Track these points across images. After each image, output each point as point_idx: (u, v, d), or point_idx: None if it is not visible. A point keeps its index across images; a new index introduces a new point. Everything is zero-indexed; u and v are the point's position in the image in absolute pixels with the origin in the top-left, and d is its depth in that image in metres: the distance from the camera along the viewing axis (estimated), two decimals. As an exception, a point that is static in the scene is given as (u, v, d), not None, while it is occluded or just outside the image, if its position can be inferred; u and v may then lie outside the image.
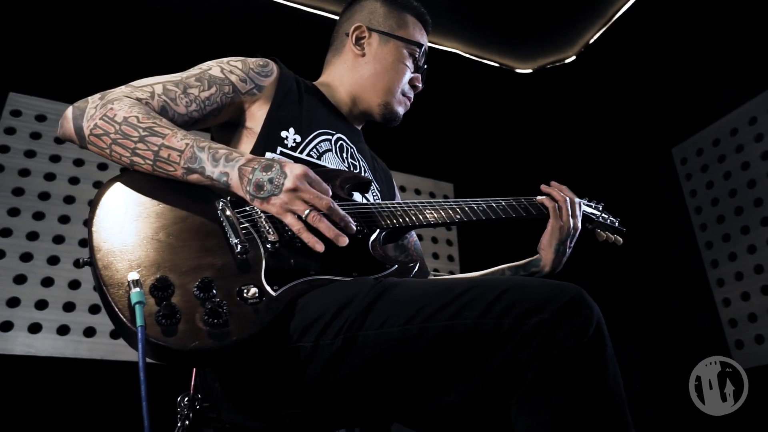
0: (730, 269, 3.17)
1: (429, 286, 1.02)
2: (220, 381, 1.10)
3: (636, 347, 3.61)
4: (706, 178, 3.38)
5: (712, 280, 3.25)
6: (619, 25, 3.59)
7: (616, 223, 1.79)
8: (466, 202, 1.46)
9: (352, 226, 1.16)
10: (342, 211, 1.16)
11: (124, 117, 1.17)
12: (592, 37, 3.76)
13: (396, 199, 1.77)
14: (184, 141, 1.16)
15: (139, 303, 0.90)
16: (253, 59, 1.44)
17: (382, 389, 1.01)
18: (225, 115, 1.39)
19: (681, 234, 3.45)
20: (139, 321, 0.88)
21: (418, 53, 1.66)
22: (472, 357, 0.94)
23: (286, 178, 1.12)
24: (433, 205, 1.41)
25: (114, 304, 0.92)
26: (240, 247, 1.05)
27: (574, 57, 3.90)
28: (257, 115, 1.40)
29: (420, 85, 1.69)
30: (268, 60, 1.48)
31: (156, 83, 1.29)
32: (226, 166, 1.15)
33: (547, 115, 4.17)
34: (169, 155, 1.15)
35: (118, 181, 1.13)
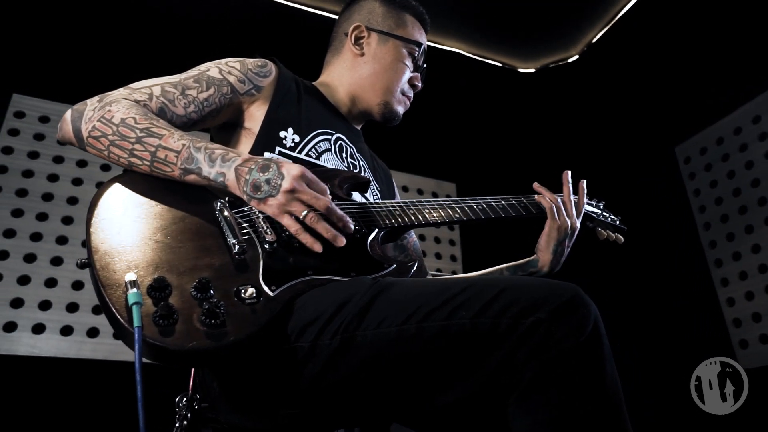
0: (734, 268, 3.15)
1: (426, 286, 1.02)
2: (218, 381, 1.10)
3: (639, 347, 3.60)
4: (710, 177, 3.36)
5: (716, 279, 3.23)
6: (622, 24, 3.58)
7: (617, 222, 1.78)
8: (465, 201, 1.45)
9: (350, 226, 1.16)
10: (340, 211, 1.15)
11: (121, 119, 1.17)
12: (595, 36, 3.75)
13: (396, 198, 1.77)
14: (181, 142, 1.16)
15: (136, 304, 0.90)
16: (252, 60, 1.45)
17: (380, 389, 1.01)
18: (224, 116, 1.39)
19: (684, 233, 3.44)
20: (136, 322, 0.88)
21: (417, 52, 1.66)
22: (469, 356, 0.94)
23: (284, 179, 1.11)
24: (432, 204, 1.40)
25: (111, 305, 0.93)
26: (237, 247, 1.05)
27: (577, 56, 3.89)
28: (256, 116, 1.40)
29: (419, 85, 1.69)
30: (266, 60, 1.48)
31: (154, 85, 1.29)
32: (222, 166, 1.15)
33: (550, 115, 4.16)
34: (166, 156, 1.15)
35: (117, 182, 1.13)
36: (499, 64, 3.94)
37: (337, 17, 1.76)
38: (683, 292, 3.44)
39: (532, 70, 4.00)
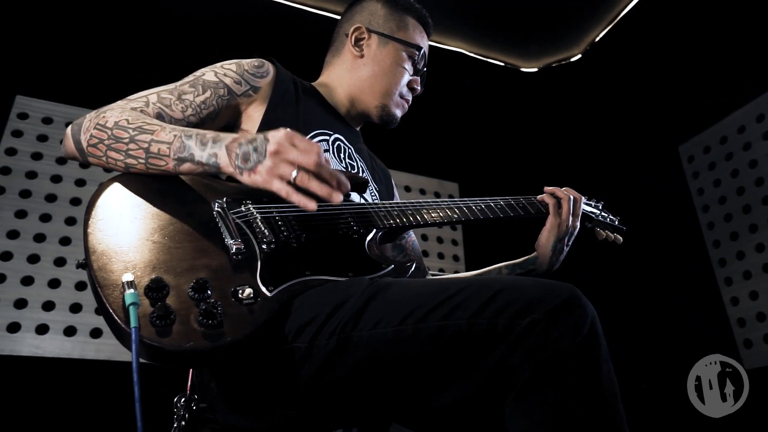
0: (738, 268, 3.14)
1: (423, 286, 1.02)
2: (216, 381, 1.11)
3: (642, 347, 3.59)
4: (714, 176, 3.35)
5: (720, 279, 3.21)
6: (625, 23, 3.57)
7: (616, 222, 1.78)
8: (465, 201, 1.45)
9: (345, 182, 1.10)
10: (332, 168, 1.09)
11: (115, 122, 1.18)
12: (598, 35, 3.74)
13: (395, 199, 1.77)
14: (173, 133, 1.16)
15: (133, 304, 0.90)
16: (248, 60, 1.44)
17: (377, 390, 1.01)
18: (223, 119, 1.39)
19: (688, 232, 3.43)
20: (133, 322, 0.88)
21: (417, 56, 1.65)
22: (466, 357, 0.94)
23: (269, 142, 1.07)
24: (431, 204, 1.40)
25: (108, 306, 0.93)
26: (235, 248, 1.05)
27: (580, 55, 3.88)
28: (254, 117, 1.40)
29: (419, 88, 1.69)
30: (263, 60, 1.47)
31: (150, 93, 1.30)
32: (213, 147, 1.13)
33: (553, 114, 4.15)
34: (159, 149, 1.15)
35: (114, 183, 1.14)
36: (502, 64, 3.93)
37: (338, 17, 1.75)
38: (687, 291, 3.42)
39: (535, 70, 3.99)
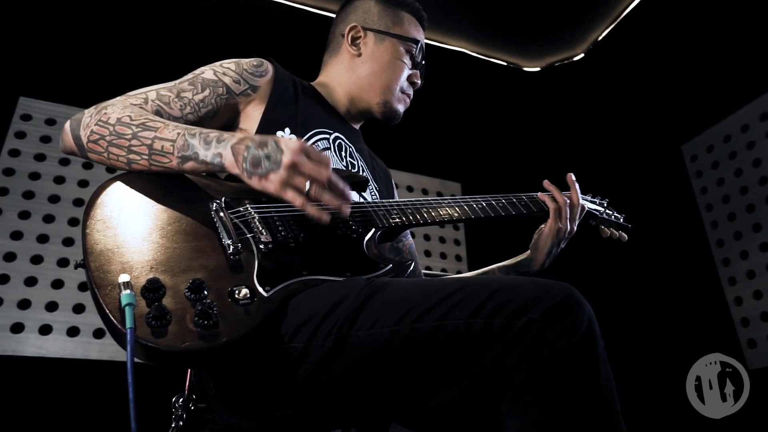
0: (741, 267, 3.12)
1: (420, 286, 1.01)
2: (213, 382, 1.11)
3: (646, 347, 3.57)
4: (717, 175, 3.33)
5: (724, 278, 3.20)
6: (628, 22, 3.56)
7: (620, 220, 1.77)
8: (465, 200, 1.45)
9: (349, 194, 1.13)
10: (341, 181, 1.12)
11: (117, 118, 1.18)
12: (601, 34, 3.73)
13: (395, 198, 1.76)
14: (176, 131, 1.16)
15: (129, 305, 0.90)
16: (248, 60, 1.44)
17: (374, 390, 1.01)
18: (222, 118, 1.39)
19: (691, 232, 3.41)
20: (128, 323, 0.89)
21: (414, 49, 1.65)
22: (463, 357, 0.93)
23: (284, 153, 1.08)
24: (430, 203, 1.40)
25: (105, 306, 0.93)
26: (232, 248, 1.05)
27: (583, 54, 3.87)
28: (253, 116, 1.40)
29: (419, 82, 1.68)
30: (262, 60, 1.47)
31: (149, 90, 1.30)
32: (218, 146, 1.14)
33: (556, 114, 4.14)
34: (162, 147, 1.15)
35: (113, 183, 1.14)
36: (504, 64, 3.93)
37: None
38: (690, 291, 3.41)
39: (538, 69, 3.98)
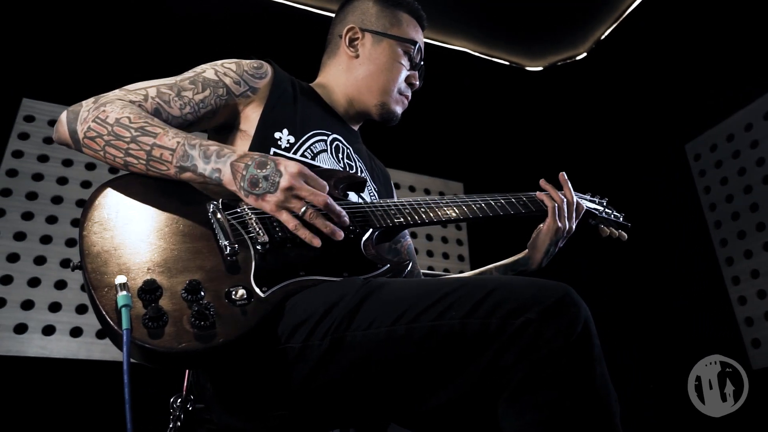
0: (745, 267, 3.10)
1: (417, 287, 1.01)
2: (211, 382, 1.11)
3: (649, 346, 3.56)
4: (720, 174, 3.31)
5: (727, 277, 3.18)
6: (631, 21, 3.55)
7: (620, 218, 1.76)
8: (464, 200, 1.44)
9: (345, 220, 1.17)
10: (338, 206, 1.16)
11: (116, 118, 1.18)
12: (604, 33, 3.72)
13: (393, 199, 1.76)
14: (176, 139, 1.16)
15: (125, 306, 0.91)
16: (248, 61, 1.45)
17: (371, 390, 1.01)
18: (220, 118, 1.40)
19: (695, 231, 3.40)
20: (125, 324, 0.89)
21: (413, 51, 1.64)
22: (459, 357, 0.93)
23: (282, 176, 1.11)
24: (429, 203, 1.39)
25: (101, 307, 0.93)
26: (229, 248, 1.05)
27: (585, 54, 3.86)
28: (251, 117, 1.40)
29: (417, 83, 1.68)
30: (262, 62, 1.48)
31: (150, 86, 1.29)
32: (217, 162, 1.15)
33: (558, 113, 4.13)
34: (161, 154, 1.15)
35: (110, 185, 1.14)
36: (507, 63, 3.92)
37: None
38: (694, 290, 3.39)
39: (540, 69, 3.98)
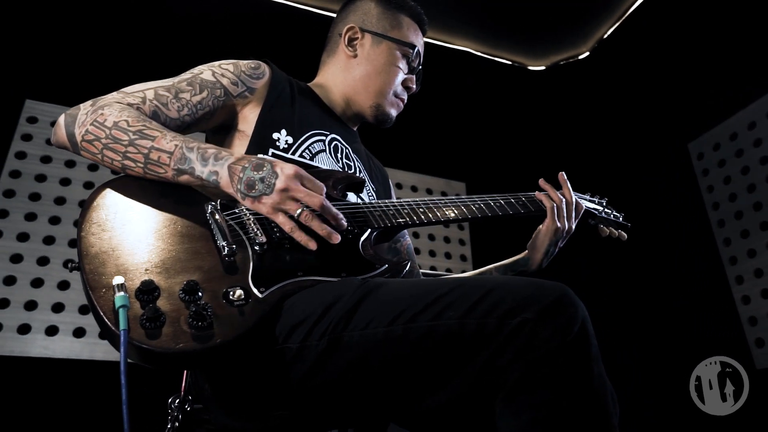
0: (749, 266, 3.09)
1: (414, 287, 1.01)
2: (209, 383, 1.11)
3: (653, 346, 3.55)
4: (724, 173, 3.30)
5: (731, 277, 3.17)
6: (633, 20, 3.54)
7: (620, 218, 1.76)
8: (463, 200, 1.44)
9: (343, 223, 1.17)
10: (334, 208, 1.16)
11: (114, 122, 1.18)
12: (606, 32, 3.71)
13: (392, 199, 1.76)
14: (174, 143, 1.17)
15: (122, 307, 0.91)
16: (245, 62, 1.45)
17: (369, 390, 1.01)
18: (218, 119, 1.40)
19: (698, 230, 3.39)
20: (122, 325, 0.89)
21: (411, 54, 1.64)
22: (457, 357, 0.93)
23: (278, 178, 1.12)
24: (427, 204, 1.39)
25: (99, 308, 0.93)
26: (227, 249, 1.05)
27: (588, 53, 3.85)
28: (249, 118, 1.40)
29: (414, 87, 1.68)
30: (260, 62, 1.48)
31: (147, 89, 1.30)
32: (215, 165, 1.16)
33: (561, 112, 4.13)
34: (159, 157, 1.16)
35: (108, 186, 1.15)
36: (509, 63, 3.92)
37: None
38: (697, 290, 3.38)
39: (543, 68, 3.97)
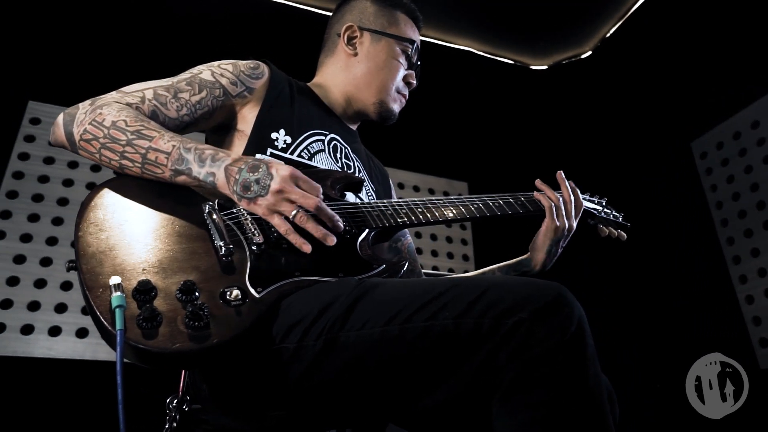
0: (753, 265, 3.08)
1: (411, 286, 1.01)
2: (206, 383, 1.11)
3: (655, 346, 3.54)
4: (727, 172, 3.29)
5: (735, 276, 3.16)
6: (636, 19, 3.52)
7: (620, 218, 1.75)
8: (462, 200, 1.44)
9: (339, 225, 1.17)
10: (330, 210, 1.16)
11: (112, 121, 1.19)
12: (608, 31, 3.70)
13: (392, 198, 1.76)
14: (171, 143, 1.17)
15: (119, 307, 0.91)
16: (244, 62, 1.45)
17: (366, 390, 1.01)
18: (217, 118, 1.40)
19: (701, 229, 3.37)
20: (118, 324, 0.89)
21: (410, 50, 1.66)
22: (453, 357, 0.93)
23: (272, 179, 1.12)
24: (426, 204, 1.39)
25: (96, 308, 0.94)
26: (224, 249, 1.06)
27: (591, 52, 3.84)
28: (248, 118, 1.41)
29: (414, 82, 1.69)
30: (259, 62, 1.48)
31: (146, 88, 1.30)
32: (212, 166, 1.16)
33: (564, 112, 4.12)
34: (156, 158, 1.16)
35: (106, 186, 1.15)
36: (511, 62, 3.91)
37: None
38: (700, 289, 3.37)
39: (545, 67, 3.96)
